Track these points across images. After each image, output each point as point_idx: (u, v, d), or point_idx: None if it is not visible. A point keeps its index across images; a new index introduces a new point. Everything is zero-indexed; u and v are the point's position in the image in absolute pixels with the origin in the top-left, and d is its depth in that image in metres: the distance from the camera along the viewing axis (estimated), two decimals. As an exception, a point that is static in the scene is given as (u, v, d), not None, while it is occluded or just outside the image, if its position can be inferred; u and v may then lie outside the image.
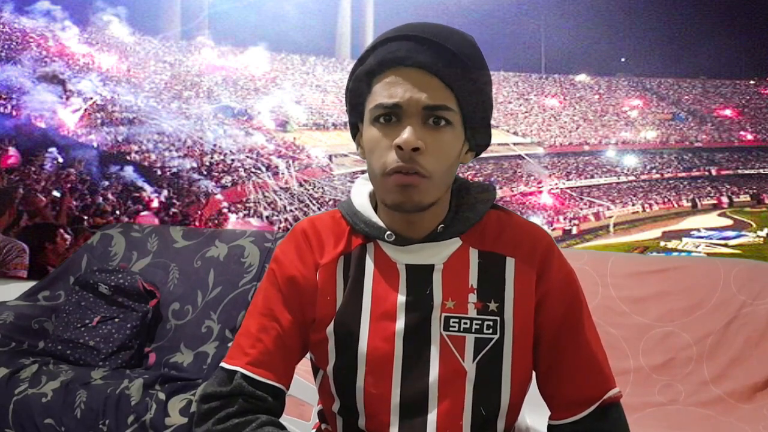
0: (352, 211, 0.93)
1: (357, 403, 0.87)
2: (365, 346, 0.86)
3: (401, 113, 0.82)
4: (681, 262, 2.06)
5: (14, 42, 21.70)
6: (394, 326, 0.86)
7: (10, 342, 2.10)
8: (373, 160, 0.84)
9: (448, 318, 0.85)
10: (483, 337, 0.85)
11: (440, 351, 0.85)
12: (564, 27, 69.88)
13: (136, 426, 1.71)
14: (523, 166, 34.80)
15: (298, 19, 47.68)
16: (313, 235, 0.93)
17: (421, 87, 0.81)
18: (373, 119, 0.84)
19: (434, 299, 0.86)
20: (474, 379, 0.85)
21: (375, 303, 0.87)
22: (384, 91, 0.82)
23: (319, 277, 0.90)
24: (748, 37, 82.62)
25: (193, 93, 30.03)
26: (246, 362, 0.87)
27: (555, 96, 46.27)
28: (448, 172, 0.85)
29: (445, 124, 0.83)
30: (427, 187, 0.82)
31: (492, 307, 0.86)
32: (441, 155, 0.83)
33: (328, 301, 0.90)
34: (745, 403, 1.72)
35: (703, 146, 42.70)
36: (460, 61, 0.82)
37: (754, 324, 1.82)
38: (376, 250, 0.90)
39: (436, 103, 0.81)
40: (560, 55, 63.03)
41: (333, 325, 0.88)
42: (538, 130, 40.51)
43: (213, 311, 2.13)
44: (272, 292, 0.91)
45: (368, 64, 0.85)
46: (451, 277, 0.87)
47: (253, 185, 19.48)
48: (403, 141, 0.80)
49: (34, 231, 3.81)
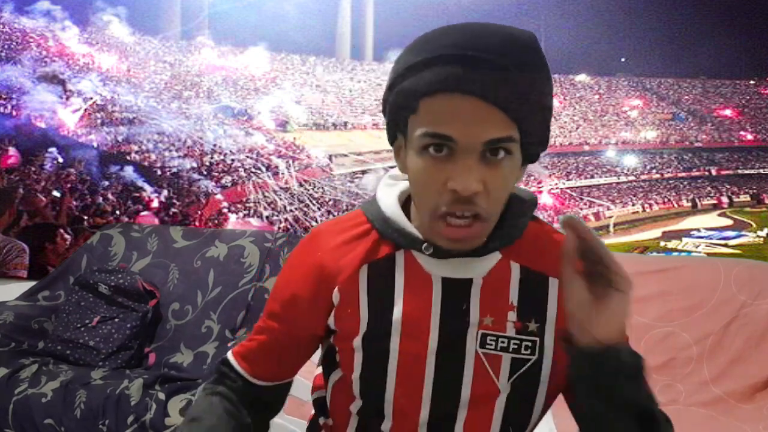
0: (381, 216, 0.85)
1: (385, 407, 0.84)
2: (396, 361, 0.82)
3: (455, 147, 0.71)
4: (681, 262, 2.06)
5: (14, 42, 21.72)
6: (427, 342, 0.81)
7: (10, 342, 2.10)
8: (422, 194, 0.75)
9: (485, 336, 0.80)
10: (520, 357, 0.80)
11: (474, 369, 0.80)
12: (564, 27, 69.85)
13: (136, 426, 1.71)
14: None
15: (298, 19, 47.71)
16: (328, 248, 0.86)
17: (481, 119, 0.70)
18: (421, 147, 0.73)
19: (471, 315, 0.80)
20: (506, 399, 0.81)
21: (406, 317, 0.81)
22: (435, 119, 0.71)
23: (339, 293, 0.84)
24: (748, 37, 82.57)
25: (193, 93, 30.05)
26: (236, 351, 0.94)
27: (555, 96, 46.23)
28: (503, 204, 0.77)
29: (505, 155, 0.72)
30: (481, 232, 0.75)
31: (532, 327, 0.81)
32: (501, 192, 0.74)
33: (350, 314, 0.84)
34: (745, 403, 1.72)
35: (703, 146, 42.72)
36: (525, 87, 0.70)
37: (754, 324, 1.82)
38: (407, 259, 0.83)
39: (496, 136, 0.71)
40: (560, 55, 63.02)
41: (361, 339, 0.83)
42: (538, 130, 40.50)
43: (213, 311, 2.13)
44: (273, 300, 0.91)
45: (416, 82, 0.72)
46: (490, 293, 0.81)
47: (253, 185, 19.49)
48: (462, 188, 0.70)
49: (34, 231, 3.80)
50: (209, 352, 2.00)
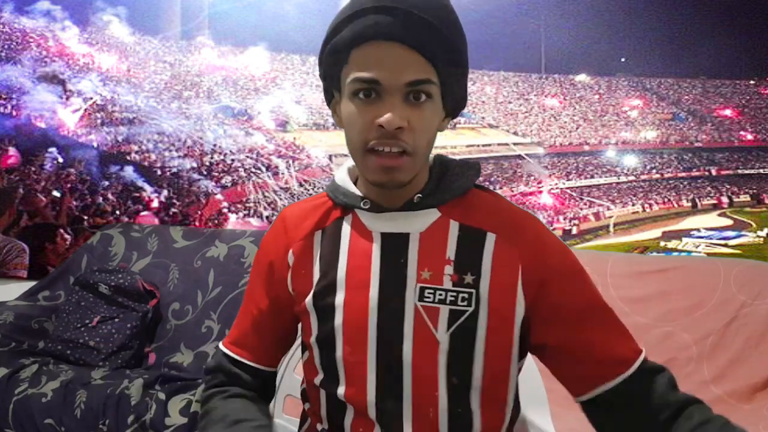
0: (333, 186, 0.94)
1: (338, 372, 0.88)
2: (341, 316, 0.87)
3: (381, 89, 0.80)
4: (681, 262, 2.06)
5: (14, 42, 21.73)
6: (368, 295, 0.86)
7: (10, 342, 2.10)
8: (354, 135, 0.84)
9: (423, 288, 0.85)
10: (457, 309, 0.84)
11: (414, 321, 0.84)
12: (564, 27, 69.84)
13: (136, 426, 1.71)
14: (523, 166, 34.82)
15: (298, 19, 47.71)
16: (291, 217, 0.96)
17: (402, 62, 0.80)
18: (351, 94, 0.82)
19: (408, 269, 0.86)
20: (447, 350, 0.84)
21: (350, 273, 0.87)
22: (362, 65, 0.81)
23: (293, 254, 0.93)
24: (748, 37, 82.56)
25: (193, 93, 30.06)
26: (228, 341, 0.99)
27: (555, 96, 46.30)
28: (428, 145, 0.85)
29: (426, 98, 0.82)
30: (409, 165, 0.83)
31: (468, 279, 0.85)
32: (423, 131, 0.82)
33: (303, 275, 0.91)
34: (745, 403, 1.72)
35: (703, 146, 42.73)
36: (438, 31, 0.80)
37: (754, 324, 1.82)
38: (353, 220, 0.91)
39: (417, 77, 0.80)
40: (560, 55, 63.02)
41: (312, 297, 0.89)
42: (538, 130, 40.52)
43: (213, 311, 2.13)
44: (253, 277, 0.99)
45: (343, 36, 0.82)
46: (427, 248, 0.86)
47: (253, 185, 19.50)
48: (386, 122, 0.79)
49: (34, 231, 3.80)
50: (209, 352, 2.00)
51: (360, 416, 0.87)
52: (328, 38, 0.85)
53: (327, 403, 0.91)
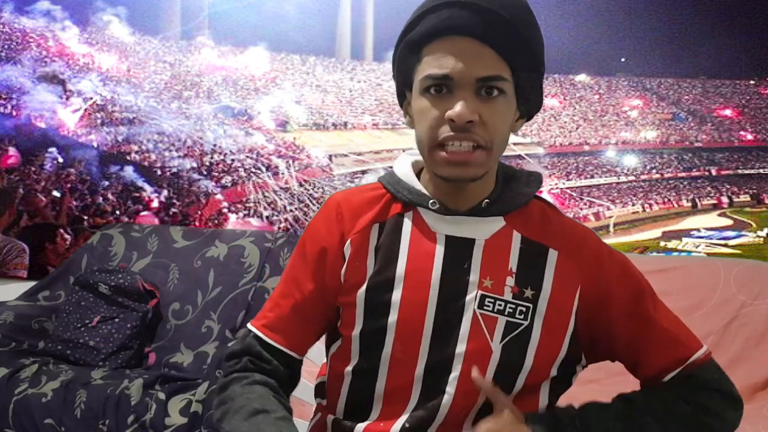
0: (394, 180, 0.92)
1: (380, 365, 0.87)
2: (396, 313, 0.85)
3: (453, 85, 0.80)
4: (681, 262, 2.06)
5: (14, 42, 21.72)
6: (427, 295, 0.85)
7: (10, 342, 2.10)
8: (423, 131, 0.83)
9: (484, 296, 0.84)
10: (514, 321, 0.84)
11: (471, 327, 0.84)
12: (564, 27, 69.85)
13: (136, 426, 1.71)
14: (523, 166, 34.79)
15: (298, 19, 47.71)
16: (345, 205, 0.93)
17: (474, 57, 0.79)
18: (423, 90, 0.82)
19: (471, 275, 0.85)
20: (498, 360, 0.84)
21: (410, 271, 0.86)
22: (434, 61, 0.80)
23: (351, 245, 0.90)
24: (748, 37, 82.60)
25: (193, 93, 30.05)
26: (261, 324, 0.93)
27: (555, 96, 46.28)
28: (502, 142, 0.84)
29: (498, 93, 0.81)
30: (482, 159, 0.81)
31: (528, 294, 0.85)
32: (495, 126, 0.81)
33: (358, 267, 0.89)
34: (745, 402, 1.72)
35: (703, 146, 42.72)
36: (514, 28, 0.79)
37: (754, 324, 1.82)
38: (415, 218, 0.89)
39: (489, 74, 0.79)
40: (560, 55, 63.01)
41: (365, 290, 0.87)
42: (538, 130, 40.50)
43: (213, 311, 2.13)
44: (298, 261, 0.94)
45: (417, 32, 0.82)
46: (491, 256, 0.86)
47: (253, 185, 19.50)
48: (456, 114, 0.78)
49: (34, 231, 3.80)
50: (209, 352, 2.00)
51: (389, 408, 0.87)
52: (403, 35, 0.85)
53: (350, 393, 0.90)
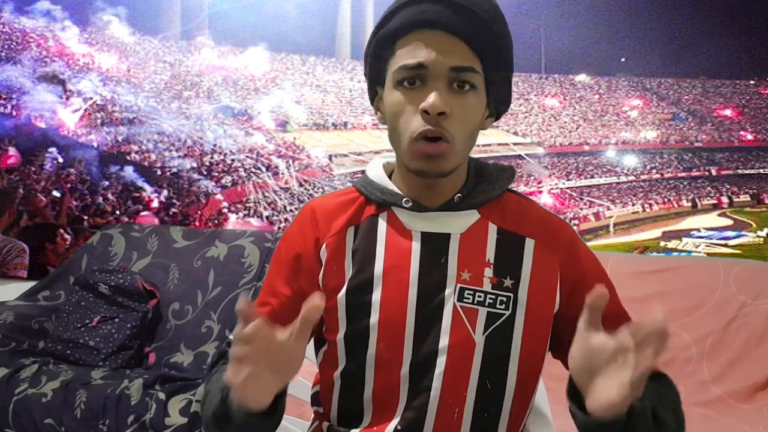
0: (366, 182, 0.93)
1: (366, 367, 0.87)
2: (377, 314, 0.85)
3: (426, 75, 0.81)
4: (681, 262, 2.06)
5: (14, 42, 21.69)
6: (407, 293, 0.85)
7: (10, 342, 2.10)
8: (398, 124, 0.84)
9: (463, 289, 0.85)
10: (495, 312, 0.85)
11: (452, 321, 0.84)
12: (564, 27, 69.82)
13: (136, 426, 1.71)
14: (523, 166, 34.76)
15: (298, 19, 47.62)
16: (320, 211, 0.93)
17: (447, 49, 0.81)
18: (396, 82, 0.83)
19: (449, 268, 0.86)
20: (482, 352, 0.84)
21: (388, 270, 0.87)
22: (408, 53, 0.82)
23: (327, 249, 0.90)
24: (748, 37, 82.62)
25: (193, 93, 30.03)
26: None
27: (555, 96, 46.26)
28: (470, 137, 0.85)
29: (470, 88, 0.82)
30: (451, 154, 0.82)
31: (507, 283, 0.86)
32: (466, 120, 0.83)
33: (336, 271, 0.89)
34: (745, 403, 1.72)
35: (703, 146, 42.70)
36: (486, 25, 0.82)
37: (754, 324, 1.83)
38: (390, 218, 0.90)
39: (462, 64, 0.81)
40: (560, 55, 62.97)
41: (344, 293, 0.87)
42: (538, 130, 40.50)
43: (213, 311, 2.13)
44: (273, 269, 0.96)
45: (391, 26, 0.84)
46: (468, 249, 0.87)
47: (253, 185, 19.48)
48: (430, 105, 0.79)
49: (34, 231, 3.81)
50: (209, 352, 2.00)
51: (379, 411, 0.86)
52: (376, 31, 0.86)
53: (340, 398, 0.90)
